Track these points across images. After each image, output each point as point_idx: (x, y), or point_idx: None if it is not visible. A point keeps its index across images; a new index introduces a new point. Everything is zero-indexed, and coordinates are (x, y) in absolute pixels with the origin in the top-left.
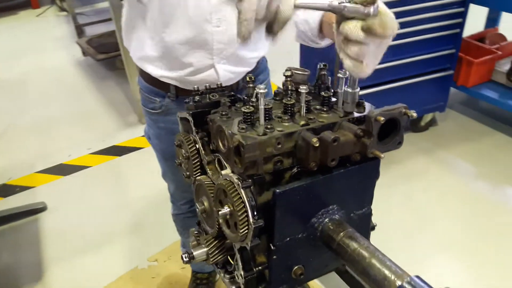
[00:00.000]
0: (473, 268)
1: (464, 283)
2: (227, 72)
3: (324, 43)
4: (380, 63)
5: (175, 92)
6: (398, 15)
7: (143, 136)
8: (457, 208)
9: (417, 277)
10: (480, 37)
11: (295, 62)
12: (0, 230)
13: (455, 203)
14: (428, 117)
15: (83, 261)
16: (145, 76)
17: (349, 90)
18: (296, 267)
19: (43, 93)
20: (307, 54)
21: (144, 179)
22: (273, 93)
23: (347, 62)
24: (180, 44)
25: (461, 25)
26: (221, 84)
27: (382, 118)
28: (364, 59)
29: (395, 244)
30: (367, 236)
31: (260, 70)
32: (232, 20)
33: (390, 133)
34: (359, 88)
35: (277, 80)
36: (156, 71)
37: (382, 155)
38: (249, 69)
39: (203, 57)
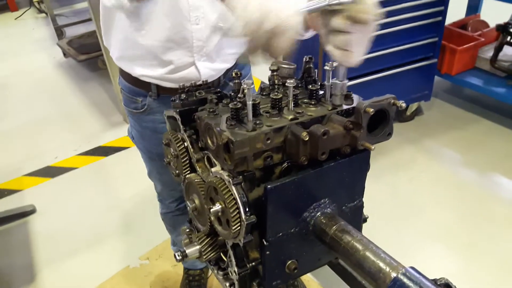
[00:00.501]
0: (463, 256)
1: (454, 271)
2: (208, 69)
3: (308, 34)
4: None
5: (156, 91)
6: (379, 4)
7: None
8: (445, 196)
9: (412, 268)
10: (462, 25)
11: None
12: None
13: (443, 192)
14: (413, 107)
15: (75, 262)
16: (126, 76)
17: (337, 82)
18: (289, 262)
19: (26, 96)
20: None
21: (132, 178)
22: (255, 88)
23: (335, 53)
24: (159, 42)
25: (443, 13)
26: (206, 80)
27: (371, 110)
28: (351, 48)
29: (383, 235)
30: (359, 229)
31: (241, 65)
32: (211, 17)
33: (379, 124)
34: (347, 80)
35: (257, 75)
36: (136, 70)
37: (373, 147)
38: (230, 65)
39: (183, 55)
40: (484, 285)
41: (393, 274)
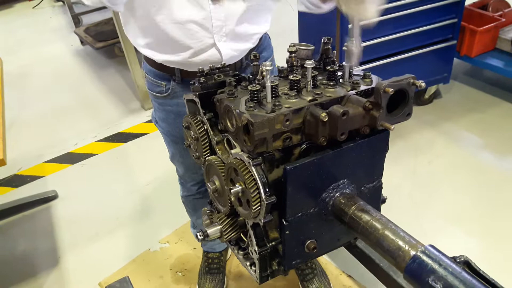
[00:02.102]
0: (482, 239)
1: (472, 254)
2: (230, 50)
3: (327, 7)
4: (380, 37)
5: (180, 75)
6: None
7: (146, 122)
8: (464, 180)
9: (431, 246)
10: (482, 5)
11: (291, 40)
12: (14, 219)
13: (462, 175)
14: (431, 90)
15: (96, 246)
16: (150, 61)
17: (352, 43)
18: (309, 242)
19: (45, 85)
20: (306, 30)
21: (151, 164)
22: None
23: (350, 7)
24: (178, 25)
25: None
26: (225, 63)
27: (391, 90)
28: (365, 0)
29: (401, 218)
30: (378, 209)
31: (263, 47)
32: None
33: (398, 104)
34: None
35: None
36: (158, 56)
37: (392, 127)
38: (252, 46)
39: (203, 37)
40: (503, 268)
41: (412, 252)
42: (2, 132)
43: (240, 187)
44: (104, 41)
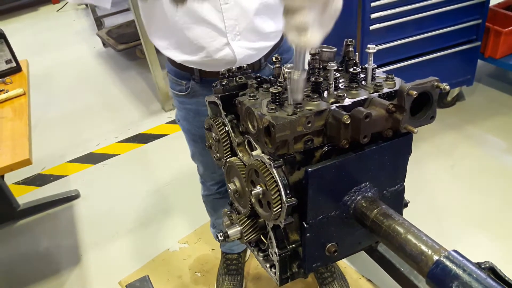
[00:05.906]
0: (507, 245)
1: (497, 259)
2: (244, 49)
3: None
4: (403, 38)
5: (199, 75)
6: None
7: (167, 123)
8: (488, 184)
9: (455, 251)
10: (507, 5)
11: None
12: (38, 217)
13: (485, 179)
14: (454, 92)
15: (117, 245)
16: (171, 61)
17: (294, 74)
18: (329, 245)
19: (68, 86)
20: None
21: (171, 164)
22: None
23: (291, 34)
24: (192, 26)
25: None
26: (246, 66)
27: (414, 92)
28: (309, 28)
29: (424, 222)
30: (400, 213)
31: (283, 48)
32: None
33: (421, 107)
34: (306, 68)
35: None
36: (178, 57)
37: (416, 130)
38: (270, 44)
39: (216, 36)
40: None
41: (436, 257)
42: (29, 133)
43: (260, 189)
44: (125, 43)
